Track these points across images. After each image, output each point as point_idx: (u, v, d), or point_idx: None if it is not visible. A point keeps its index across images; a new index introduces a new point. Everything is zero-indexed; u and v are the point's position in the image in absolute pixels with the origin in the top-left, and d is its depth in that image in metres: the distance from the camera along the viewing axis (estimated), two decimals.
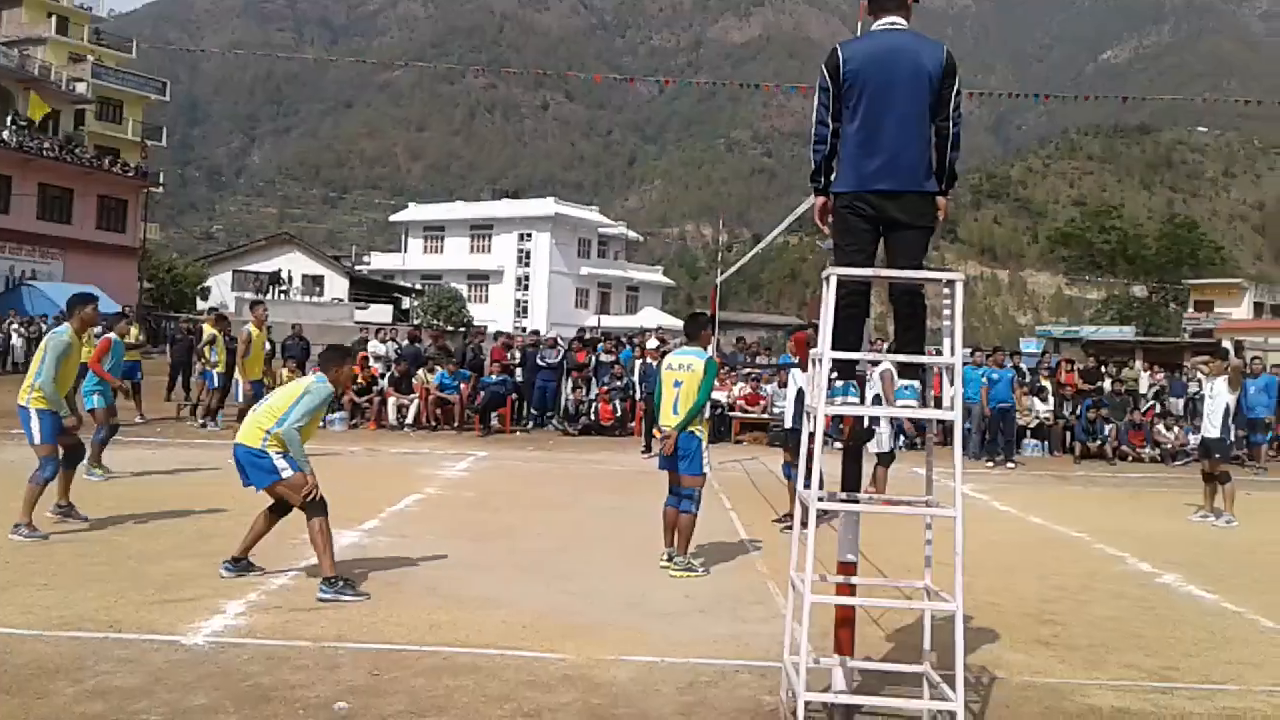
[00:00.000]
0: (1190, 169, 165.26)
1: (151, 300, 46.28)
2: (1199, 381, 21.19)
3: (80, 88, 48.84)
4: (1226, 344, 18.91)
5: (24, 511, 7.66)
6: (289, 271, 50.78)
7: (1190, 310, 56.10)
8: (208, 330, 16.46)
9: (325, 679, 4.84)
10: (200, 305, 47.05)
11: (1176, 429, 18.73)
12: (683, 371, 7.58)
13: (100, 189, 41.34)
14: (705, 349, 7.86)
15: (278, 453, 6.56)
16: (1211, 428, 11.50)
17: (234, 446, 6.76)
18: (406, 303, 59.64)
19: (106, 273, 37.94)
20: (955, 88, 4.56)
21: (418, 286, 63.44)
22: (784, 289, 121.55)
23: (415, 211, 75.26)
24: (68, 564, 6.92)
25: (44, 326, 27.64)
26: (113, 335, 10.99)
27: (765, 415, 18.29)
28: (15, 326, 27.45)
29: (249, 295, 48.24)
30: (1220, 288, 57.05)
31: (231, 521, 8.55)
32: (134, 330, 16.80)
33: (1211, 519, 11.35)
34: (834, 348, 4.36)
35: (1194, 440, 18.25)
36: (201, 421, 16.32)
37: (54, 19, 53.26)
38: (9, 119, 38.57)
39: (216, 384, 16.28)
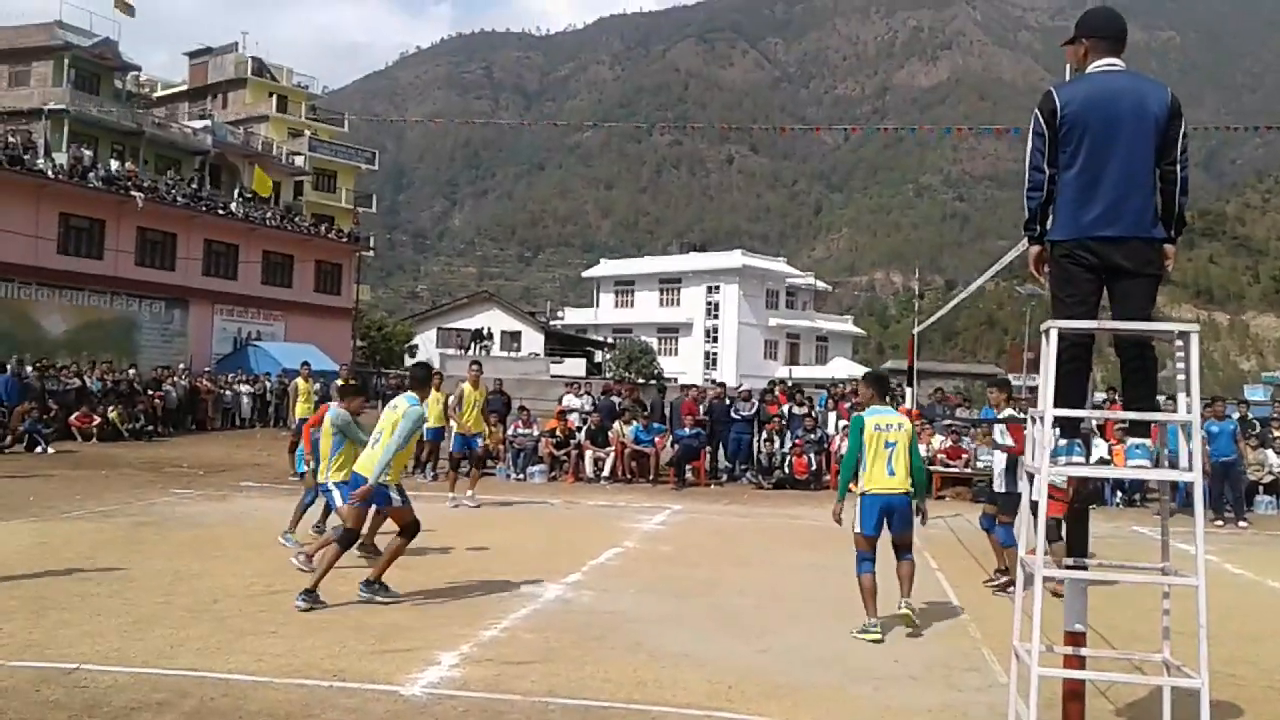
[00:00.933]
0: None
1: (364, 357, 49.11)
2: None
3: (298, 160, 52.63)
4: None
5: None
6: (487, 328, 52.83)
7: None
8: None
9: None
10: (408, 361, 49.49)
11: None
12: (894, 431, 7.39)
13: (317, 254, 44.26)
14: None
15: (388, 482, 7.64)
16: None
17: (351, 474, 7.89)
18: (599, 356, 60.92)
19: (323, 333, 40.54)
20: (1182, 130, 4.36)
21: (609, 340, 64.77)
22: (980, 336, 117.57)
23: (606, 267, 77.10)
24: (294, 613, 7.31)
25: (268, 384, 29.79)
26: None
27: (969, 470, 17.62)
28: (243, 385, 29.59)
29: (452, 351, 50.49)
30: None
31: (443, 573, 8.90)
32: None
33: None
34: (1056, 404, 4.17)
35: None
36: (413, 473, 17.11)
37: (274, 98, 57.77)
38: (236, 192, 41.95)
39: (427, 437, 17.00)
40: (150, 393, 24.98)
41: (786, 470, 18.55)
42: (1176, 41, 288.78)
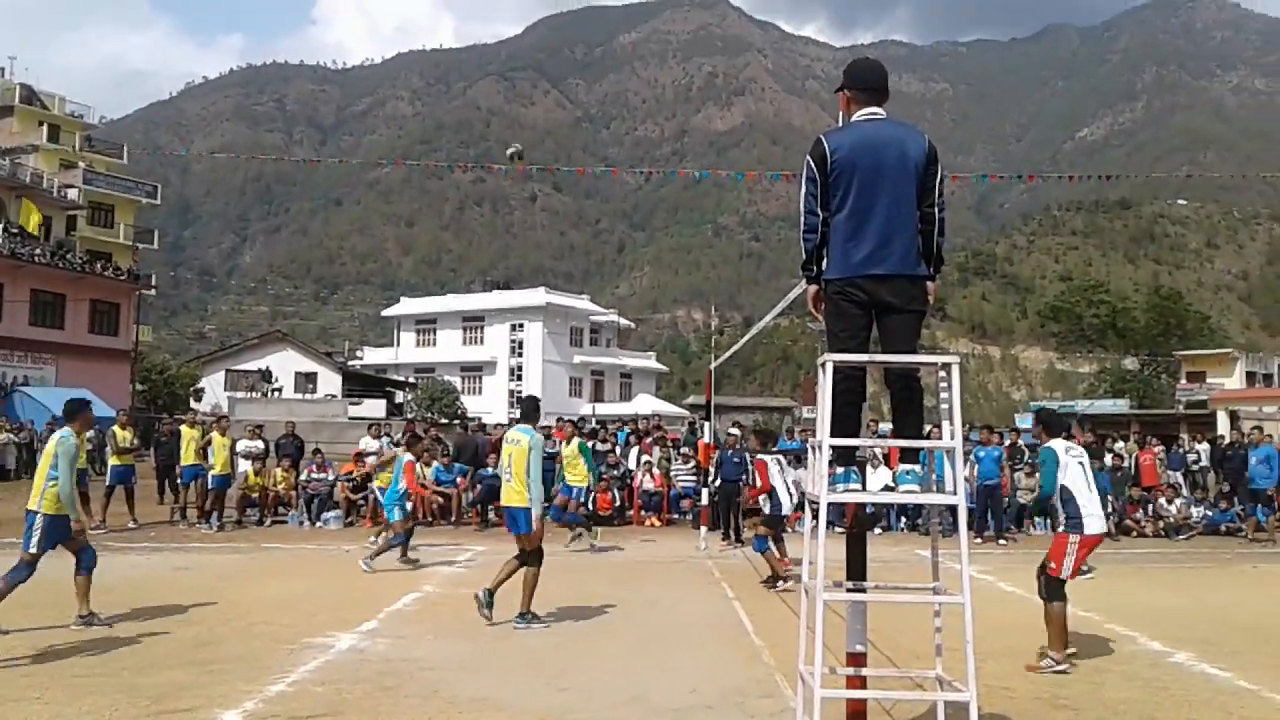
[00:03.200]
0: (1173, 241, 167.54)
1: (144, 402, 46.17)
2: (1198, 453, 21.21)
3: (71, 194, 49.41)
4: (1222, 414, 18.95)
5: None
6: (268, 369, 50.74)
7: (1183, 381, 56.26)
8: (213, 434, 16.45)
9: None
10: (195, 405, 46.94)
11: (1179, 501, 18.61)
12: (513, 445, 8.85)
13: (92, 293, 41.56)
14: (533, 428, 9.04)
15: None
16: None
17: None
18: (400, 397, 59.60)
19: (99, 376, 37.89)
20: (939, 174, 4.65)
21: (411, 380, 63.51)
22: (776, 370, 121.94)
23: (407, 305, 75.78)
24: (60, 676, 6.76)
25: (36, 432, 27.59)
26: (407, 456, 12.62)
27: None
28: (7, 433, 27.29)
29: (240, 394, 48.25)
30: (1212, 358, 57.35)
31: (227, 628, 8.42)
32: (128, 434, 16.77)
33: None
34: (833, 434, 4.35)
35: (1196, 513, 18.24)
36: (197, 522, 16.22)
37: (45, 127, 54.15)
38: (1, 227, 38.94)
39: (212, 485, 16.22)
40: None
41: (590, 507, 18.58)
42: (950, 93, 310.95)
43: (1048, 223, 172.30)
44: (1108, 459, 19.51)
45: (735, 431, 18.12)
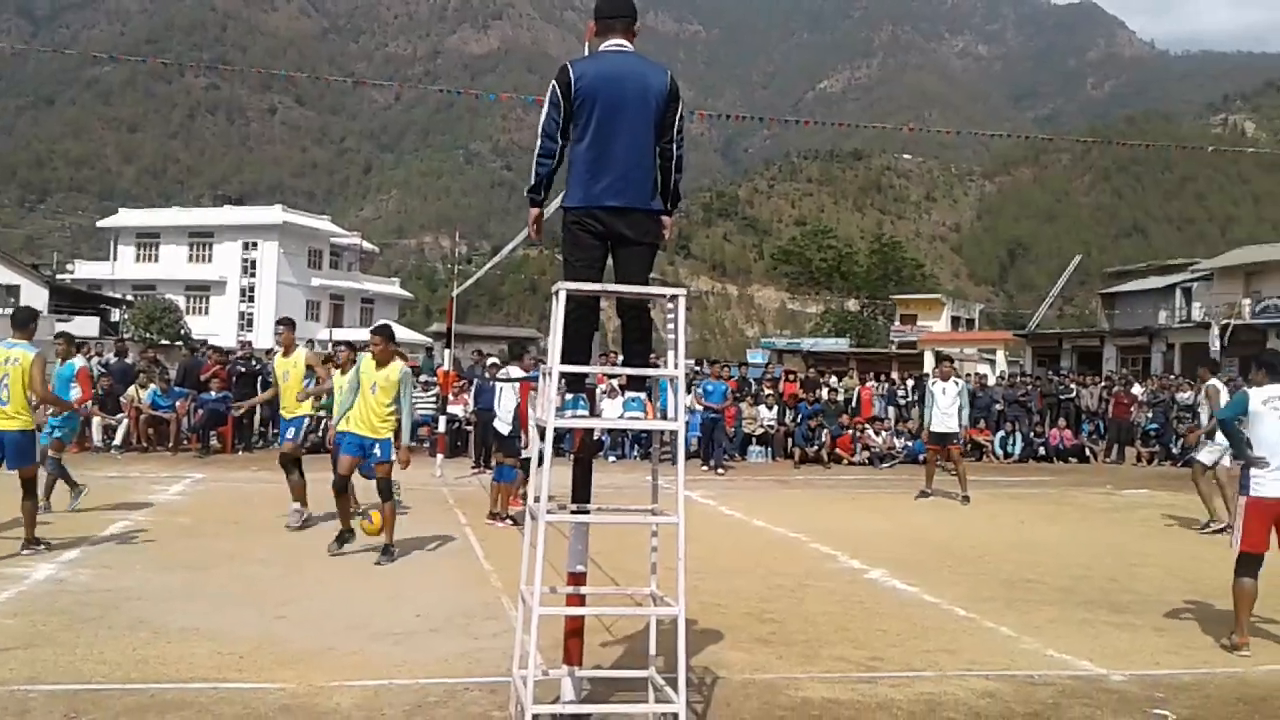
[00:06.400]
0: (897, 193, 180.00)
1: None
2: (906, 389, 23.07)
3: None
4: (929, 354, 20.57)
5: None
6: None
7: (897, 323, 60.80)
8: None
9: None
10: None
11: (884, 433, 20.21)
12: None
13: None
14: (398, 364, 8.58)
15: None
16: (951, 420, 13.51)
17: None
18: (116, 315, 55.28)
19: None
20: (679, 112, 4.72)
21: (129, 298, 58.91)
22: (525, 302, 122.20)
23: (126, 217, 70.04)
24: None
25: None
26: None
27: None
28: None
29: None
30: (922, 303, 62.18)
31: None
32: None
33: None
34: (563, 362, 4.41)
35: (899, 444, 19.90)
36: None
37: None
38: None
39: None
40: None
41: (322, 434, 18.02)
42: (703, 36, 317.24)
43: (787, 169, 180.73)
44: (824, 392, 20.92)
45: (495, 360, 18.02)
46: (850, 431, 19.80)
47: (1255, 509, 6.40)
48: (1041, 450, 20.98)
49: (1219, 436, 12.80)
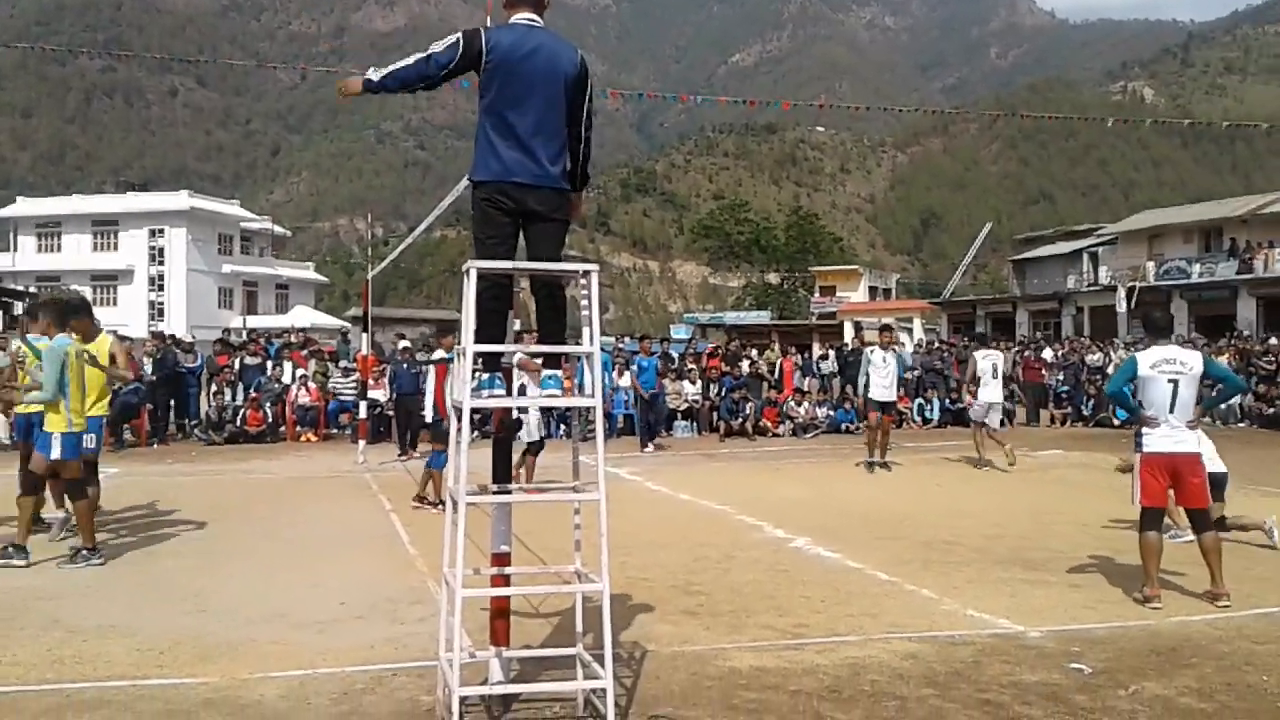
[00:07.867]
0: (812, 165, 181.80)
1: None
2: (829, 359, 23.35)
3: None
4: (848, 324, 20.81)
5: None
6: None
7: (816, 295, 61.44)
8: None
9: None
10: None
11: (807, 404, 20.44)
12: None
13: None
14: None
15: None
16: (891, 390, 13.82)
17: None
18: (19, 308, 53.30)
19: None
20: (588, 92, 4.69)
21: (31, 289, 56.85)
22: (445, 284, 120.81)
23: (25, 206, 67.54)
24: None
25: None
26: None
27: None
28: None
29: None
30: (841, 274, 62.85)
31: None
32: None
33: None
34: (478, 341, 4.36)
35: (821, 413, 20.16)
36: None
37: None
38: None
39: None
40: None
41: (240, 424, 17.69)
42: (614, 10, 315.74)
43: (703, 143, 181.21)
44: (746, 365, 21.10)
45: (407, 344, 17.80)
46: (775, 405, 20.01)
47: (1149, 464, 6.68)
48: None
49: (983, 394, 13.68)
